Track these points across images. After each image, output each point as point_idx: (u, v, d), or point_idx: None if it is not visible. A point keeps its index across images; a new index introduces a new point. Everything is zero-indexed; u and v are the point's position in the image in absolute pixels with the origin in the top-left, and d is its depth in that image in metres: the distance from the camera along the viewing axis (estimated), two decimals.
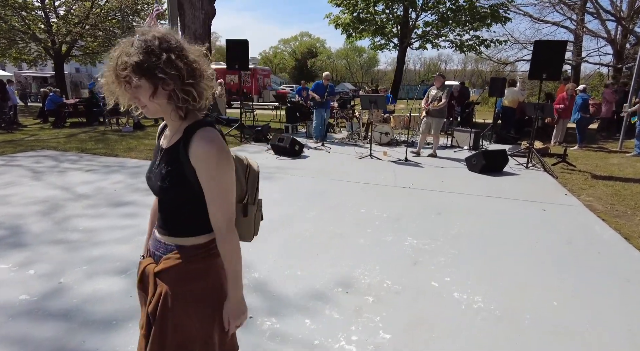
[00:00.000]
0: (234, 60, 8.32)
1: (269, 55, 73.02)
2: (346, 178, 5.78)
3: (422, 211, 4.35)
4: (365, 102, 7.31)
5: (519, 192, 5.24)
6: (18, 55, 23.04)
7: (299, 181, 5.56)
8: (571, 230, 3.88)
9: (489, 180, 5.93)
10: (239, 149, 8.05)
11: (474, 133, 8.64)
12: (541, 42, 6.37)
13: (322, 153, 7.90)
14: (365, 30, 15.13)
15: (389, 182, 5.64)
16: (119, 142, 8.25)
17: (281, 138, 7.36)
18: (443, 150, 8.56)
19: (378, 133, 9.17)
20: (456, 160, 7.43)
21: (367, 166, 6.75)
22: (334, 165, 6.80)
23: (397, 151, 8.09)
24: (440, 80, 7.44)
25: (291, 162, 6.85)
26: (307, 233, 3.59)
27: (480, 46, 16.29)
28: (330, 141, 9.52)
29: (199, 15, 11.97)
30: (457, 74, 64.80)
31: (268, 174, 5.86)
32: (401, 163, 7.05)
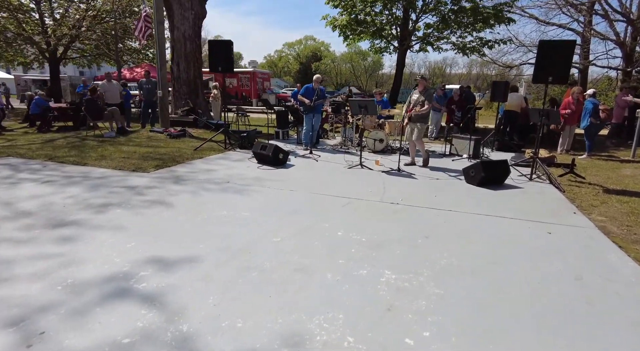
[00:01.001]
0: (218, 62, 7.79)
1: (274, 59, 73.21)
2: (329, 191, 5.22)
3: (408, 234, 3.77)
4: (355, 107, 6.75)
5: (521, 210, 4.64)
6: (13, 58, 22.79)
7: (275, 195, 5.00)
8: (582, 261, 3.27)
9: (488, 195, 5.34)
10: (221, 157, 7.51)
11: (474, 140, 8.05)
12: (546, 42, 5.78)
13: (310, 162, 7.34)
14: (364, 32, 14.59)
15: (376, 196, 5.06)
16: (95, 149, 7.74)
17: (264, 146, 6.81)
18: (440, 159, 7.97)
19: (372, 140, 8.61)
20: (453, 171, 6.83)
21: (355, 177, 6.18)
22: (319, 175, 6.24)
23: (392, 160, 7.50)
24: (422, 83, 6.84)
25: (273, 173, 6.29)
26: (266, 265, 3.02)
27: (483, 47, 15.69)
28: (321, 148, 8.97)
29: (188, 16, 11.50)
30: (462, 78, 64.21)
31: (243, 187, 5.30)
32: (393, 173, 6.47)
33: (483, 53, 16.34)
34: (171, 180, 5.54)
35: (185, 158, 7.13)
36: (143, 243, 3.35)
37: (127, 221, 3.88)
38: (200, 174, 6.00)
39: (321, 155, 7.93)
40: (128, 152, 7.57)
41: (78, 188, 4.99)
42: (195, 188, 5.16)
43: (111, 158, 6.85)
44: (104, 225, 3.76)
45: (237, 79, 26.38)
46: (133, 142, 8.97)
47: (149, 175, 5.87)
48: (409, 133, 7.12)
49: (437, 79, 62.05)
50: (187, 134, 10.01)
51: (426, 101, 6.76)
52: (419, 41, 15.78)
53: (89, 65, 25.57)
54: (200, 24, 12.01)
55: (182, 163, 6.73)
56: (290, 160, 7.29)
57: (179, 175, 5.86)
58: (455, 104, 11.10)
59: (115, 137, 9.59)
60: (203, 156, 7.45)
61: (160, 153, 7.47)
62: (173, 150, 7.87)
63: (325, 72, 70.58)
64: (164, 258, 3.06)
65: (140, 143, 8.77)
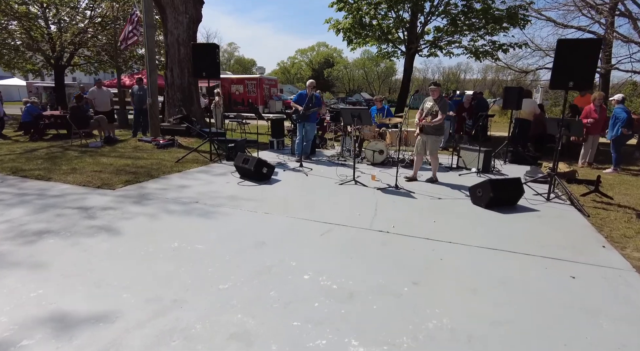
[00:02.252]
0: (201, 67, 7.19)
1: (287, 66, 73.39)
2: (311, 214, 4.49)
3: (394, 278, 3.01)
4: (347, 116, 6.03)
5: (538, 241, 3.84)
6: (23, 65, 22.85)
7: (245, 220, 4.30)
8: (621, 324, 2.47)
9: (497, 220, 4.53)
10: (202, 170, 6.86)
11: (483, 152, 7.23)
12: (566, 41, 4.97)
13: (299, 176, 6.64)
14: (369, 36, 13.90)
15: (364, 221, 4.32)
16: (70, 161, 7.19)
17: (246, 159, 6.14)
18: (446, 173, 7.17)
19: (371, 151, 7.86)
20: (459, 188, 6.03)
21: (346, 195, 5.44)
22: (305, 194, 5.52)
23: (391, 174, 6.73)
24: (436, 91, 6.12)
25: (253, 190, 5.61)
26: (196, 328, 2.31)
27: (497, 51, 14.81)
28: (317, 159, 8.26)
29: (182, 19, 10.99)
30: (477, 84, 62.99)
31: (212, 208, 4.62)
32: (390, 191, 5.71)
33: (497, 57, 15.45)
34: (134, 200, 4.90)
35: (162, 172, 6.51)
36: (54, 290, 2.68)
37: (53, 256, 3.23)
38: (171, 191, 5.35)
39: (313, 169, 7.22)
40: (104, 164, 6.99)
41: (22, 210, 4.38)
42: (156, 210, 4.50)
43: (81, 172, 6.27)
44: (21, 261, 3.11)
45: (243, 85, 25.95)
46: (116, 152, 8.42)
47: (113, 192, 5.24)
48: (420, 145, 6.37)
49: (452, 85, 60.88)
50: (175, 144, 9.43)
51: (440, 111, 6.02)
52: (428, 45, 15.01)
53: (95, 72, 25.49)
54: (196, 28, 11.50)
55: (156, 178, 6.11)
56: (277, 174, 6.60)
57: (146, 193, 5.22)
58: (466, 112, 10.27)
59: (101, 147, 9.07)
60: (183, 169, 6.82)
61: (137, 166, 6.87)
62: (153, 163, 7.27)
63: (337, 79, 70.26)
64: (68, 316, 2.38)
65: (123, 154, 8.20)
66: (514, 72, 23.33)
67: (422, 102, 6.52)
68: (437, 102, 6.14)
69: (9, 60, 21.82)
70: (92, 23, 20.27)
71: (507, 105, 8.30)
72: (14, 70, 23.11)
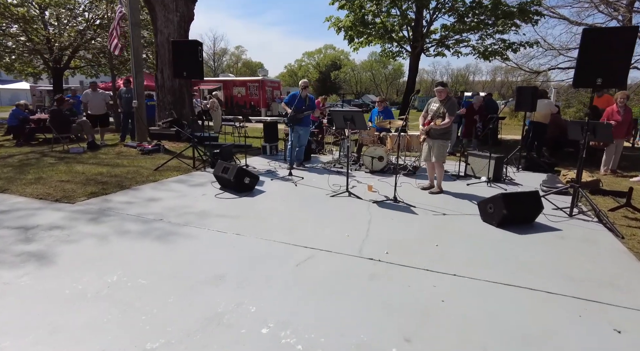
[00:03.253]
0: (182, 66, 6.55)
1: (294, 68, 73.31)
2: (291, 236, 3.81)
3: (380, 331, 2.31)
4: (339, 119, 5.34)
5: (563, 273, 3.10)
6: (23, 68, 22.62)
7: (210, 243, 3.62)
8: None
9: (513, 244, 3.79)
10: (180, 180, 6.22)
11: (494, 159, 6.48)
12: (594, 31, 4.24)
13: (287, 186, 5.96)
14: (371, 35, 13.21)
15: (352, 245, 3.62)
16: (41, 169, 6.60)
17: (226, 168, 5.48)
18: (453, 182, 6.43)
19: (369, 157, 7.16)
20: (467, 200, 5.30)
21: (336, 211, 4.74)
22: (290, 208, 4.83)
23: (391, 183, 6.02)
24: (443, 92, 5.42)
25: (230, 204, 4.93)
26: None
27: (507, 51, 14.02)
28: (312, 166, 7.57)
29: (172, 18, 10.42)
30: (487, 85, 61.99)
31: (175, 227, 3.96)
32: (387, 205, 5.00)
33: (507, 57, 14.65)
34: (90, 217, 4.26)
35: (136, 182, 5.88)
36: None
37: None
38: (136, 206, 4.69)
39: (305, 177, 6.54)
40: (76, 172, 6.39)
41: None
42: (110, 230, 3.85)
43: (45, 183, 5.66)
44: None
45: (245, 87, 25.41)
46: (96, 159, 7.82)
47: (70, 207, 4.61)
48: (426, 151, 5.70)
49: (460, 87, 59.85)
50: (162, 149, 8.82)
51: (447, 113, 5.34)
52: (435, 44, 14.27)
53: (96, 74, 25.15)
54: (187, 27, 10.92)
55: (126, 190, 5.47)
56: (263, 184, 5.94)
57: (107, 208, 4.58)
58: (478, 114, 9.51)
59: (82, 153, 8.49)
60: (160, 178, 6.18)
61: (111, 175, 6.25)
62: (130, 171, 6.65)
63: (344, 81, 69.73)
64: None
65: (102, 161, 7.61)
66: (523, 73, 22.48)
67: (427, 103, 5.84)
68: (444, 103, 5.44)
69: (9, 63, 21.60)
70: (91, 25, 19.92)
71: (520, 107, 7.53)
72: (14, 73, 22.89)
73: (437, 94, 5.54)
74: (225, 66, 66.49)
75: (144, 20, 17.63)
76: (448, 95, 5.54)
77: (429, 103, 5.75)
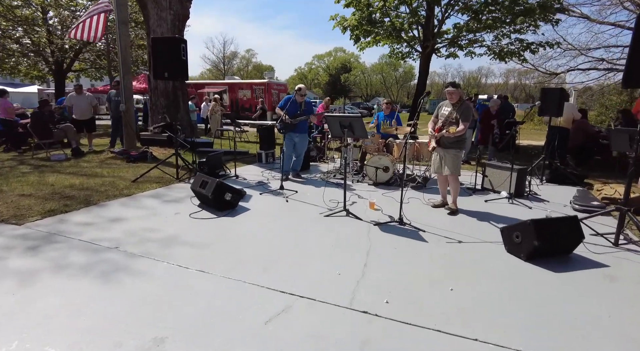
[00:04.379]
0: (163, 66, 5.86)
1: (304, 71, 73.14)
2: (264, 275, 3.04)
3: None
4: (335, 126, 4.56)
5: (629, 338, 2.27)
6: (28, 71, 22.43)
7: (162, 285, 2.87)
8: None
9: (549, 288, 2.97)
10: (157, 194, 5.49)
11: (516, 172, 5.63)
12: None
13: (277, 202, 5.20)
14: (379, 34, 12.42)
15: (344, 290, 2.83)
16: (7, 180, 5.97)
17: (204, 183, 4.74)
18: (469, 198, 5.61)
19: (373, 168, 6.36)
20: (487, 221, 4.48)
21: (329, 236, 3.96)
22: (272, 232, 4.06)
23: (398, 198, 5.23)
24: (456, 93, 4.62)
25: (205, 225, 4.19)
26: None
27: (525, 51, 13.09)
28: (309, 177, 6.81)
29: (165, 16, 9.78)
30: (499, 88, 60.70)
31: (130, 259, 3.22)
32: (391, 228, 4.21)
33: (524, 58, 13.71)
34: (30, 244, 3.55)
35: (107, 196, 5.18)
36: None
37: None
38: (93, 229, 3.98)
39: (299, 190, 5.78)
40: (45, 184, 5.73)
41: None
42: (45, 265, 3.12)
43: (2, 197, 4.99)
44: None
45: (251, 90, 24.79)
46: (76, 168, 7.18)
47: (15, 230, 3.91)
48: (437, 162, 4.91)
49: (472, 89, 58.57)
50: (149, 157, 8.16)
51: (461, 119, 4.55)
52: (447, 44, 13.40)
53: (100, 77, 24.84)
54: (182, 26, 10.28)
55: (92, 206, 4.77)
56: (250, 199, 5.19)
57: (58, 232, 3.87)
58: (495, 119, 8.65)
59: (64, 160, 7.87)
60: (135, 192, 5.47)
61: (82, 188, 5.58)
62: (106, 182, 5.97)
63: (354, 84, 69.06)
64: None
65: (81, 170, 6.95)
66: (537, 76, 21.38)
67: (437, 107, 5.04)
68: (457, 107, 4.64)
69: (13, 66, 21.41)
70: None
71: (544, 111, 6.65)
72: (19, 76, 22.70)
73: (448, 96, 4.74)
74: (236, 69, 66.44)
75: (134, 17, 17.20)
76: (461, 97, 4.73)
77: (439, 107, 4.96)
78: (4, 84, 37.24)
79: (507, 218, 4.69)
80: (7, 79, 28.30)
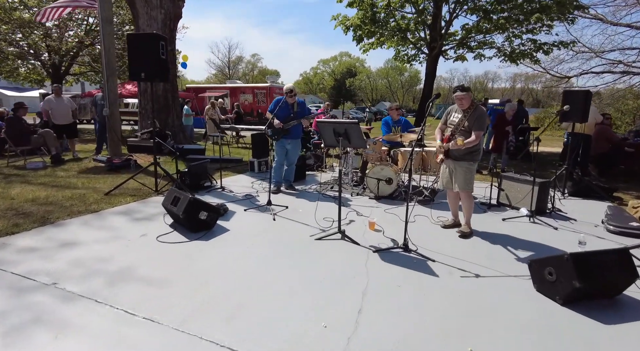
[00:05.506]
0: (139, 66, 5.23)
1: (309, 76, 72.99)
2: (227, 327, 2.36)
3: None
4: (328, 134, 3.88)
5: None
6: (28, 75, 22.13)
7: (93, 341, 2.20)
8: None
9: (597, 342, 2.25)
10: (128, 210, 4.84)
11: (538, 185, 4.92)
12: None
13: (264, 219, 4.53)
14: (383, 35, 11.78)
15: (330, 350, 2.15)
16: None
17: (176, 199, 4.08)
18: (483, 216, 4.89)
19: (374, 179, 5.67)
20: (508, 246, 3.76)
21: (316, 268, 3.27)
22: (249, 263, 3.37)
23: (402, 215, 4.55)
24: (465, 98, 3.93)
25: (170, 252, 3.52)
26: None
27: (538, 52, 12.38)
28: (303, 188, 6.12)
29: (156, 15, 9.20)
30: (506, 92, 59.75)
31: (66, 301, 2.55)
32: (394, 256, 3.51)
33: (537, 59, 12.99)
34: None
35: (69, 213, 4.54)
36: None
37: None
38: (36, 256, 3.32)
39: (290, 205, 5.10)
40: (5, 197, 5.10)
41: None
42: None
43: None
44: None
45: (252, 94, 24.23)
46: (50, 177, 6.57)
47: None
48: (447, 176, 4.23)
49: (479, 94, 57.64)
50: (132, 165, 7.54)
51: (474, 128, 3.88)
52: (455, 46, 12.71)
53: (100, 81, 24.46)
54: (174, 26, 9.71)
55: (48, 225, 4.12)
56: (232, 217, 4.53)
57: None
58: (511, 125, 7.93)
59: (41, 169, 7.27)
60: (103, 207, 4.82)
61: (46, 202, 4.95)
62: (76, 195, 5.33)
63: (360, 88, 68.49)
64: None
65: (54, 180, 6.34)
66: (544, 80, 20.57)
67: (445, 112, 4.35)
68: (469, 113, 3.95)
69: (10, 70, 21.10)
70: (91, 30, 19.16)
71: (567, 117, 5.91)
72: (19, 80, 22.38)
73: (458, 102, 4.04)
74: (241, 74, 66.34)
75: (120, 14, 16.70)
76: (473, 102, 4.03)
77: (447, 112, 4.27)
78: (10, 88, 37.09)
79: (531, 242, 3.98)
80: (11, 83, 28.00)
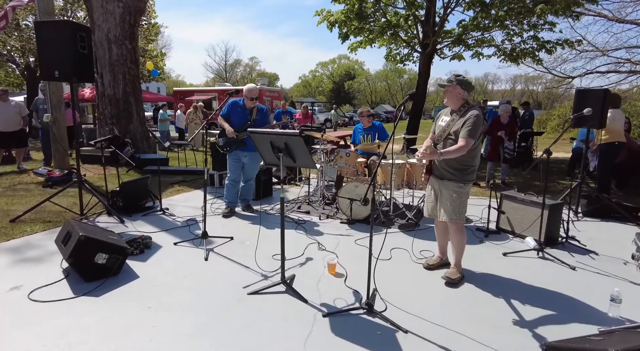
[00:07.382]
0: (51, 62, 4.20)
1: (308, 79, 72.61)
2: None
3: None
4: (266, 148, 2.84)
5: None
6: (6, 78, 21.25)
7: None
8: None
9: None
10: (25, 244, 3.80)
11: (548, 208, 3.88)
12: None
13: (194, 258, 3.49)
14: (371, 32, 10.76)
15: None
16: None
17: (68, 235, 3.03)
18: (479, 248, 3.84)
19: (346, 200, 4.63)
20: (510, 300, 2.71)
21: (230, 347, 2.23)
22: (140, 341, 2.33)
23: (377, 248, 3.48)
24: (451, 92, 2.92)
25: (37, 319, 2.47)
26: None
27: (540, 51, 11.33)
28: (268, 206, 5.06)
29: (113, 9, 8.18)
30: (506, 94, 58.76)
31: None
32: (354, 321, 2.47)
33: (539, 59, 11.94)
34: None
35: None
36: None
37: None
38: None
39: (237, 236, 4.06)
40: None
41: None
42: None
43: None
44: None
45: None
46: None
47: None
48: (431, 201, 3.22)
49: (479, 96, 56.58)
50: (74, 179, 6.50)
51: (462, 133, 2.85)
52: (451, 43, 11.68)
53: (83, 84, 23.54)
54: (135, 22, 8.68)
55: None
56: (155, 253, 3.49)
57: None
58: (505, 130, 6.88)
59: None
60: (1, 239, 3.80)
61: None
62: None
63: (359, 91, 67.64)
64: None
65: None
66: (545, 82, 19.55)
67: None
68: (459, 116, 2.93)
69: None
70: None
71: (583, 122, 4.85)
72: None
73: (445, 100, 3.03)
74: (240, 77, 65.65)
75: None
76: (466, 101, 3.00)
77: (437, 116, 3.24)
78: None
79: (543, 293, 2.94)
80: None
